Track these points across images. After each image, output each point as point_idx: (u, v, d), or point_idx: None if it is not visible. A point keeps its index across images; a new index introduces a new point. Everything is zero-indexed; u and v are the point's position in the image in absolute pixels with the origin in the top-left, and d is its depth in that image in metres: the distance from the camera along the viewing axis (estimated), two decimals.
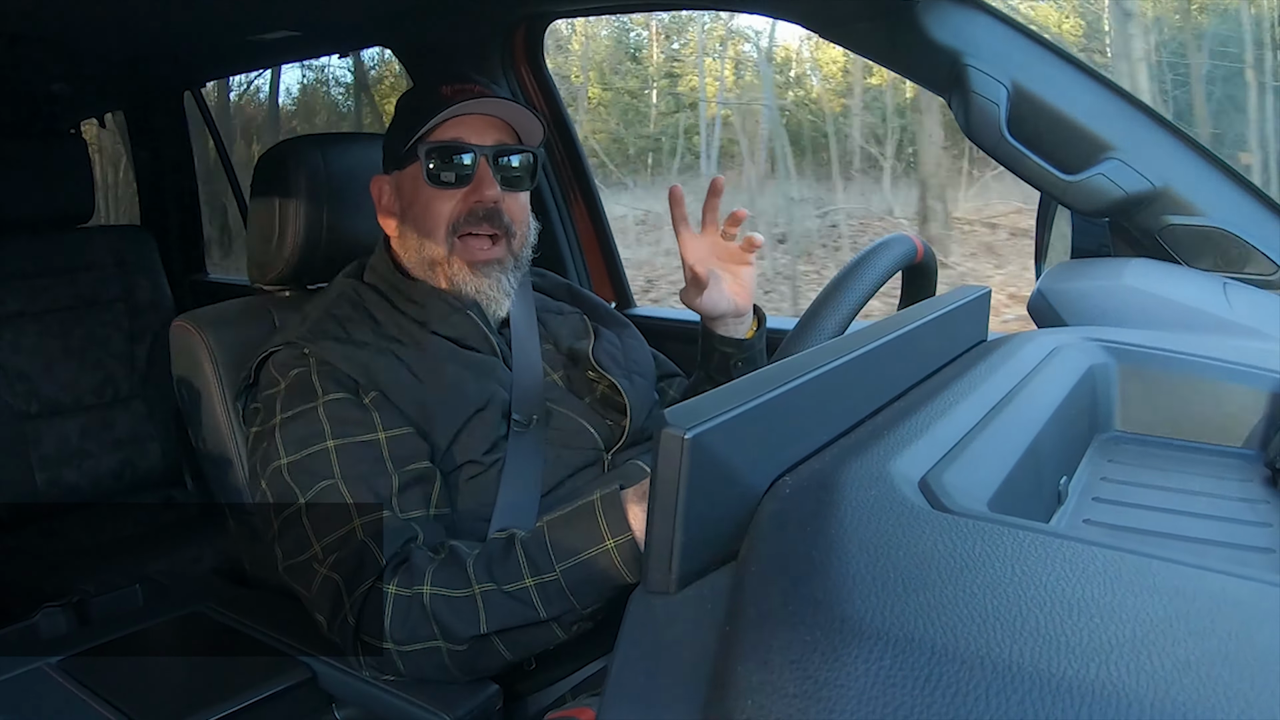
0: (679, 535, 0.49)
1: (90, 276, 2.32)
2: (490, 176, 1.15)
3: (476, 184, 1.14)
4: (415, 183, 1.16)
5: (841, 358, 0.64)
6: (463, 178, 1.14)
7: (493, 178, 1.15)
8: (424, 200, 1.15)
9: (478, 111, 1.16)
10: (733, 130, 6.77)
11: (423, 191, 1.15)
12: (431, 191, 1.14)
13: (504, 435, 1.11)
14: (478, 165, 1.14)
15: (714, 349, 1.25)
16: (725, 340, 1.24)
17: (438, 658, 0.95)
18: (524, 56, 1.90)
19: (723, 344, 1.24)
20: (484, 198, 1.14)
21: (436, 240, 1.15)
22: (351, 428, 1.04)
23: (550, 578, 0.92)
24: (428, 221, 1.15)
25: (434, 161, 1.14)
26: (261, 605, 1.21)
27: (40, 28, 1.80)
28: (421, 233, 1.16)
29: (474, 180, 1.14)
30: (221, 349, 1.29)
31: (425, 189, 1.15)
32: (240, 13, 1.83)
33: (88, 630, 1.20)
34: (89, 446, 2.26)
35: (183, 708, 0.97)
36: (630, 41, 7.68)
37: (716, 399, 0.52)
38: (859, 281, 1.00)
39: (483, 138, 1.15)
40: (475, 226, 1.15)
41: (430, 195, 1.15)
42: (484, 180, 1.14)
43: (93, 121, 3.12)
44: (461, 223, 1.15)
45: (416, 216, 1.16)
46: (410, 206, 1.17)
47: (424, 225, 1.16)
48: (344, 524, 0.99)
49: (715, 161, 6.74)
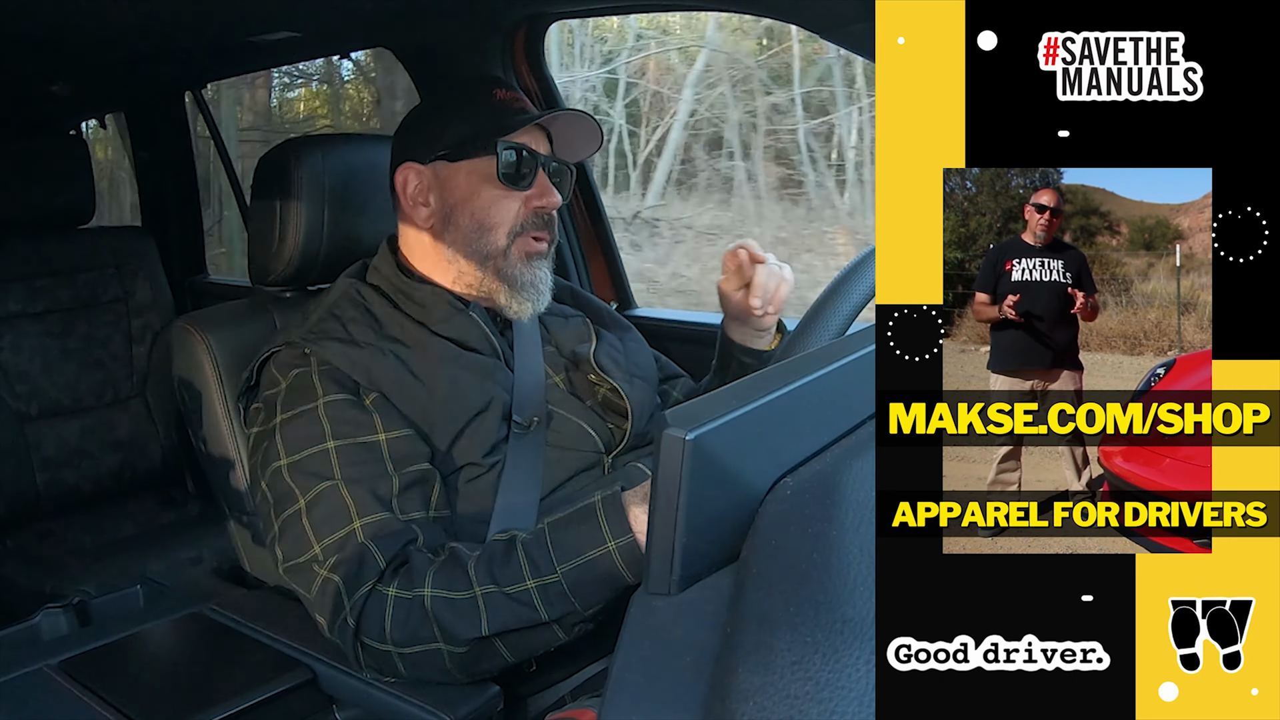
0: (680, 537, 0.49)
1: (90, 277, 2.32)
2: (550, 184, 1.18)
3: (541, 190, 1.17)
4: (474, 177, 1.16)
5: (843, 359, 0.64)
6: (528, 182, 1.17)
7: (551, 185, 1.18)
8: (489, 196, 1.16)
9: (574, 123, 1.21)
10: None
11: (487, 188, 1.16)
12: (499, 190, 1.16)
13: (504, 437, 1.11)
14: (537, 172, 1.17)
15: (733, 357, 1.26)
16: (745, 350, 1.25)
17: (438, 659, 0.95)
18: (524, 57, 1.90)
19: (744, 354, 1.25)
20: (548, 204, 1.18)
21: (498, 236, 1.17)
22: (352, 428, 1.04)
23: (552, 579, 0.92)
24: (491, 217, 1.17)
25: (511, 162, 1.16)
26: (262, 606, 1.21)
27: (40, 28, 1.80)
28: (481, 226, 1.17)
29: (536, 186, 1.17)
30: (222, 350, 1.29)
31: (489, 186, 1.16)
32: (240, 13, 1.82)
33: (88, 631, 1.20)
34: (89, 447, 2.26)
35: (183, 709, 0.97)
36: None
37: (717, 401, 0.52)
38: (860, 282, 1.00)
39: (539, 147, 1.18)
40: (536, 230, 1.18)
41: (498, 193, 1.16)
42: (547, 188, 1.17)
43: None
44: (527, 224, 1.17)
45: (476, 210, 1.17)
46: (466, 200, 1.17)
47: (486, 220, 1.17)
48: (344, 525, 0.99)
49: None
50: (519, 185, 1.16)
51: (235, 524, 1.33)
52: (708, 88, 5.54)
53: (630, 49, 5.78)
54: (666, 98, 5.72)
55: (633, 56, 5.78)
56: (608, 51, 5.77)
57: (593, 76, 5.70)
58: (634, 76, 5.81)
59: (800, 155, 5.26)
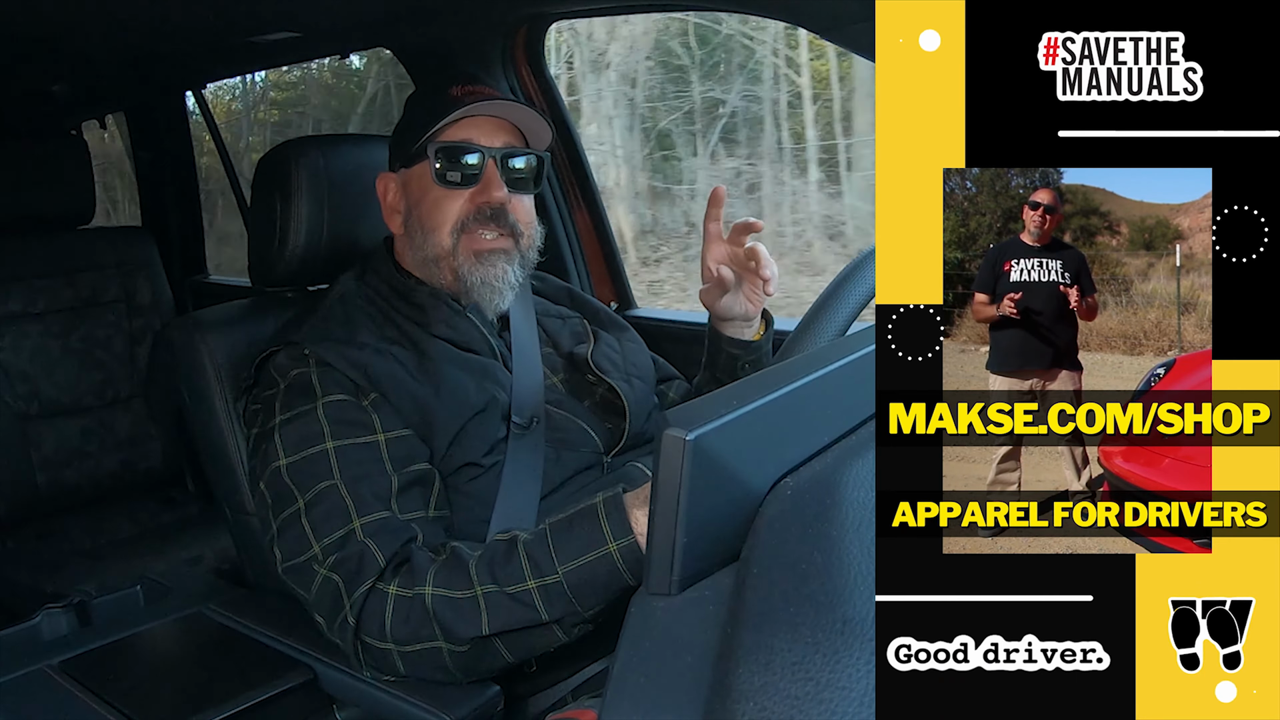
0: (680, 537, 0.49)
1: (90, 277, 2.32)
2: (498, 178, 1.15)
3: (484, 185, 1.15)
4: (423, 181, 1.16)
5: (843, 359, 0.64)
6: (470, 178, 1.15)
7: (500, 179, 1.15)
8: (432, 199, 1.16)
9: (487, 113, 1.16)
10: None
11: (430, 190, 1.15)
12: (439, 191, 1.15)
13: (503, 438, 1.11)
14: (485, 166, 1.15)
15: (721, 350, 1.25)
16: (733, 342, 1.24)
17: (439, 658, 0.95)
18: (524, 57, 1.90)
19: (730, 345, 1.24)
20: (491, 199, 1.15)
21: (440, 236, 1.15)
22: (351, 429, 1.04)
23: (553, 579, 0.92)
24: (434, 219, 1.16)
25: (442, 161, 1.14)
26: (262, 606, 1.21)
27: (40, 28, 1.80)
28: (427, 229, 1.16)
29: (481, 181, 1.15)
30: (222, 350, 1.29)
31: (433, 188, 1.15)
32: (240, 13, 1.82)
33: (88, 631, 1.20)
34: (89, 447, 2.26)
35: (183, 709, 0.97)
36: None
37: (718, 401, 0.52)
38: (860, 282, 1.00)
39: (491, 139, 1.16)
40: (482, 226, 1.15)
41: (438, 194, 1.15)
42: (491, 181, 1.15)
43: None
44: (470, 221, 1.15)
45: (423, 214, 1.16)
46: (417, 204, 1.17)
47: (430, 222, 1.16)
48: (344, 525, 0.99)
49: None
50: (462, 184, 1.15)
51: (235, 524, 1.33)
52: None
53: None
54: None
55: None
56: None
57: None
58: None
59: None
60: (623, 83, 5.01)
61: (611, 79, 5.00)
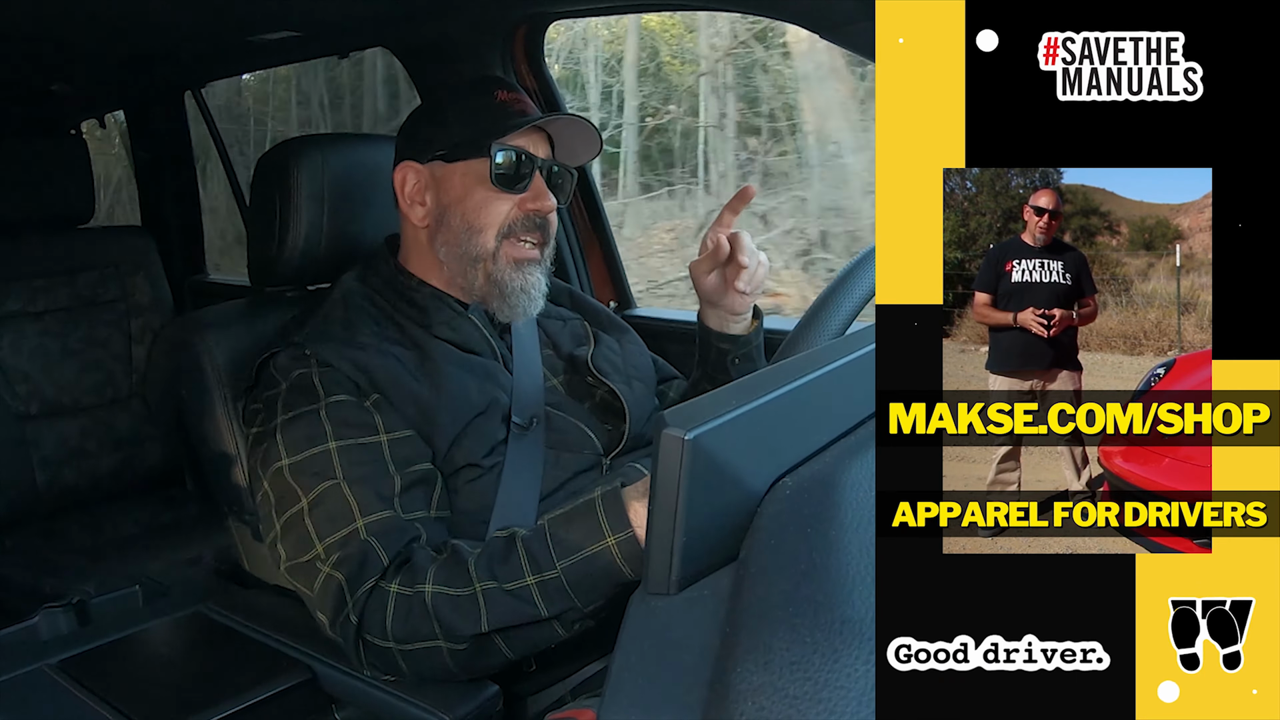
0: (679, 536, 0.49)
1: (90, 277, 2.32)
2: (545, 188, 1.17)
3: (535, 193, 1.16)
4: (468, 179, 1.16)
5: (842, 359, 0.64)
6: (523, 185, 1.16)
7: (547, 189, 1.16)
8: (480, 198, 1.15)
9: (564, 129, 1.19)
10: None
11: (477, 189, 1.15)
12: (489, 191, 1.15)
13: (504, 439, 1.11)
14: (533, 176, 1.16)
15: (711, 345, 1.25)
16: (722, 336, 1.24)
17: (439, 656, 0.95)
18: (524, 57, 1.90)
19: (720, 340, 1.24)
20: (543, 208, 1.16)
21: (486, 238, 1.16)
22: (354, 430, 1.04)
23: (551, 575, 0.92)
24: (481, 218, 1.16)
25: (504, 164, 1.15)
26: (261, 605, 1.21)
27: (40, 28, 1.80)
28: (471, 228, 1.16)
29: (531, 189, 1.16)
30: (222, 350, 1.29)
31: (480, 188, 1.15)
32: (240, 13, 1.82)
33: (88, 631, 1.20)
34: (89, 447, 2.26)
35: (183, 708, 0.97)
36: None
37: (716, 400, 0.52)
38: (860, 281, 1.00)
39: (538, 150, 1.17)
40: (528, 233, 1.16)
41: (487, 195, 1.15)
42: (542, 191, 1.16)
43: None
44: (517, 226, 1.16)
45: (468, 211, 1.16)
46: (459, 201, 1.16)
47: (476, 221, 1.16)
48: (347, 524, 0.99)
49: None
50: (513, 188, 1.15)
51: (235, 524, 1.33)
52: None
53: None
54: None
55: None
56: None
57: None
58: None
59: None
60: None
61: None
